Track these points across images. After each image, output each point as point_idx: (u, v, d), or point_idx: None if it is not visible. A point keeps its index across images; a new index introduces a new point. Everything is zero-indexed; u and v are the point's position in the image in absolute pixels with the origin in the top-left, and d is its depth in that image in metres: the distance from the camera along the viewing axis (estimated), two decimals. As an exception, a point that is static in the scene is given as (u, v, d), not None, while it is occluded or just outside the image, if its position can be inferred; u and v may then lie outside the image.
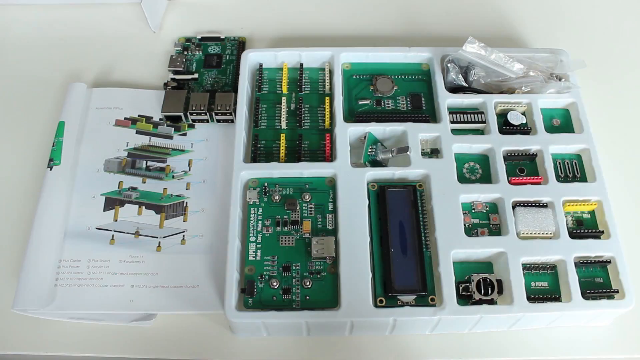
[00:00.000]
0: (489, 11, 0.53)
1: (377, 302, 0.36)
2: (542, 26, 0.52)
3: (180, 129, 0.45)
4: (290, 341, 0.37)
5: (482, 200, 0.40)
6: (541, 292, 0.37)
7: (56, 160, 0.42)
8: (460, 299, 0.35)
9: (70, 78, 0.48)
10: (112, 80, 0.48)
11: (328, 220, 0.39)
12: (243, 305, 0.36)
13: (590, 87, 0.46)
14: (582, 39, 0.51)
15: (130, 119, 0.45)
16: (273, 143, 0.42)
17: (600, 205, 0.39)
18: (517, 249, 0.37)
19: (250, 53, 0.45)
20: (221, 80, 0.47)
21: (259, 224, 0.39)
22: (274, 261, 0.37)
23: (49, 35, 0.51)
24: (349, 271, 0.36)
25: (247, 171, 0.39)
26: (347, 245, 0.37)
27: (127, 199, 0.42)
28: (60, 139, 0.43)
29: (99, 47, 0.50)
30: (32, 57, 0.50)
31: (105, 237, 0.40)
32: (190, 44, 0.49)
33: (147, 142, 0.44)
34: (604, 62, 0.50)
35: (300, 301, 0.36)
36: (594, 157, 0.41)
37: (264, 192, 0.40)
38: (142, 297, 0.38)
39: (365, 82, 0.45)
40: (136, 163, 0.43)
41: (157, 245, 0.40)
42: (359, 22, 0.52)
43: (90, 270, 0.39)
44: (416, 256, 0.37)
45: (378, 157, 0.41)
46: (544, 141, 0.41)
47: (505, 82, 0.44)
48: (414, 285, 0.36)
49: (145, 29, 0.51)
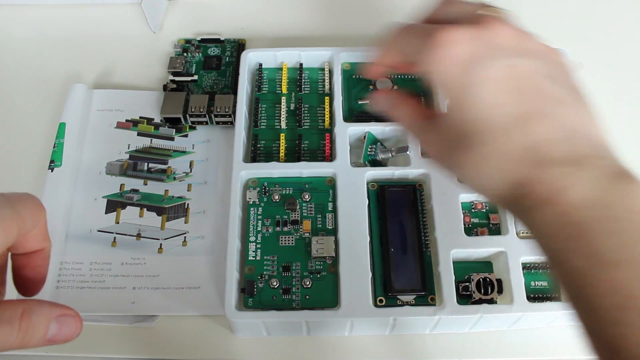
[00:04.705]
0: (489, 10, 0.53)
1: (377, 302, 0.36)
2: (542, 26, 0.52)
3: (182, 131, 0.45)
4: (290, 341, 0.38)
5: (482, 200, 0.40)
6: (541, 291, 0.37)
7: (57, 162, 0.42)
8: (460, 299, 0.35)
9: (70, 79, 0.48)
10: (112, 81, 0.48)
11: (328, 220, 0.39)
12: (243, 305, 0.36)
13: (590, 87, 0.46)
14: (582, 39, 0.51)
15: (132, 121, 0.46)
16: (273, 143, 0.42)
17: (600, 203, 0.39)
18: (517, 248, 0.37)
19: (250, 53, 0.45)
20: (220, 82, 0.47)
21: (259, 224, 0.39)
22: (274, 261, 0.37)
23: (49, 36, 0.51)
24: (349, 271, 0.36)
25: (246, 171, 0.40)
26: (347, 245, 0.37)
27: (129, 201, 0.42)
28: (61, 140, 0.43)
29: (99, 48, 0.50)
30: (32, 57, 0.50)
31: (107, 239, 0.41)
32: (190, 45, 0.49)
33: (149, 143, 0.45)
34: (604, 62, 0.50)
35: (300, 301, 0.36)
36: (594, 156, 0.41)
37: (263, 192, 0.40)
38: (143, 299, 0.38)
39: (365, 82, 0.45)
40: (138, 165, 0.44)
41: (159, 247, 0.40)
42: (359, 22, 0.52)
43: (92, 273, 0.39)
44: (416, 256, 0.37)
45: (378, 156, 0.41)
46: (543, 140, 0.41)
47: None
48: (414, 285, 0.36)
49: (145, 30, 0.51)
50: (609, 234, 0.21)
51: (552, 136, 0.24)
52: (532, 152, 0.24)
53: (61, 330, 0.23)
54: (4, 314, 0.21)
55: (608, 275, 0.21)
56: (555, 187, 0.23)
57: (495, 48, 0.26)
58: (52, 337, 0.23)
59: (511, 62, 0.26)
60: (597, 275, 0.21)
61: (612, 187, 0.22)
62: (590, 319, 0.21)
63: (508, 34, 0.27)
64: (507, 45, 0.26)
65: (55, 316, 0.23)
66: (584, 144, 0.24)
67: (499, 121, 0.25)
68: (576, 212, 0.22)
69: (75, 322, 0.23)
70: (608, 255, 0.21)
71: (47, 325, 0.22)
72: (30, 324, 0.22)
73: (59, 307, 0.23)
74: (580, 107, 0.26)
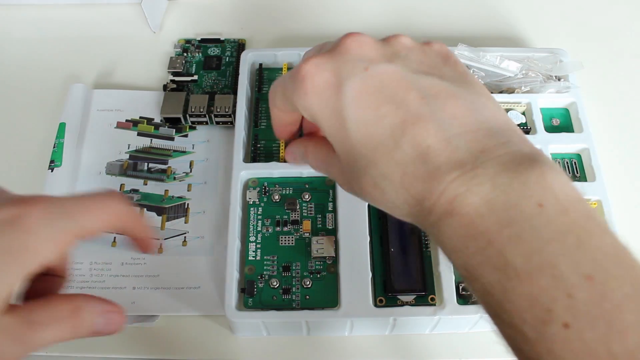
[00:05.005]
0: (488, 11, 0.53)
1: (377, 302, 0.36)
2: (541, 26, 0.52)
3: (182, 131, 0.45)
4: (290, 341, 0.38)
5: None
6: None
7: (57, 162, 0.42)
8: (460, 299, 0.36)
9: (70, 79, 0.48)
10: (112, 82, 0.48)
11: (328, 220, 0.39)
12: (243, 305, 0.36)
13: (590, 87, 0.46)
14: (581, 39, 0.51)
15: (132, 121, 0.46)
16: (273, 143, 0.43)
17: (600, 204, 0.39)
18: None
19: (250, 53, 0.45)
20: (220, 82, 0.47)
21: (259, 224, 0.39)
22: (274, 261, 0.38)
23: (49, 36, 0.51)
24: (349, 271, 0.36)
25: (246, 171, 0.40)
26: (347, 245, 0.37)
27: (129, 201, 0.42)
28: (61, 140, 0.43)
29: (99, 48, 0.50)
30: (32, 57, 0.50)
31: (107, 239, 0.41)
32: (190, 45, 0.49)
33: (149, 143, 0.45)
34: (604, 62, 0.50)
35: (300, 301, 0.36)
36: (594, 157, 0.41)
37: (263, 192, 0.40)
38: (144, 298, 0.38)
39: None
40: (138, 165, 0.44)
41: (159, 247, 0.40)
42: (358, 22, 0.52)
43: (93, 273, 0.39)
44: (416, 256, 0.37)
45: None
46: (543, 141, 0.41)
47: (505, 82, 0.44)
48: (414, 285, 0.36)
49: (146, 30, 0.51)
50: (516, 241, 0.19)
51: (435, 139, 0.21)
52: (420, 161, 0.21)
53: (106, 325, 0.24)
54: (56, 310, 0.22)
55: (524, 288, 0.18)
56: (452, 195, 0.20)
57: (354, 62, 0.24)
58: (97, 331, 0.24)
59: (374, 71, 0.23)
60: (513, 289, 0.19)
61: (513, 181, 0.20)
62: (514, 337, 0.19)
63: (364, 44, 0.24)
64: (366, 55, 0.24)
65: (103, 312, 0.24)
66: (473, 137, 0.22)
67: (381, 136, 0.22)
68: (479, 220, 0.20)
69: (119, 318, 0.24)
70: (519, 265, 0.19)
71: (95, 320, 0.23)
72: (80, 321, 0.23)
73: (106, 303, 0.24)
74: (463, 94, 0.23)
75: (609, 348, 0.17)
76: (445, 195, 0.21)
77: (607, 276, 0.18)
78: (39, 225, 0.22)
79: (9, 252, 0.21)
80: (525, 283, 0.18)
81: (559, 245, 0.19)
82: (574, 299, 0.18)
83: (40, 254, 0.22)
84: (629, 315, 0.17)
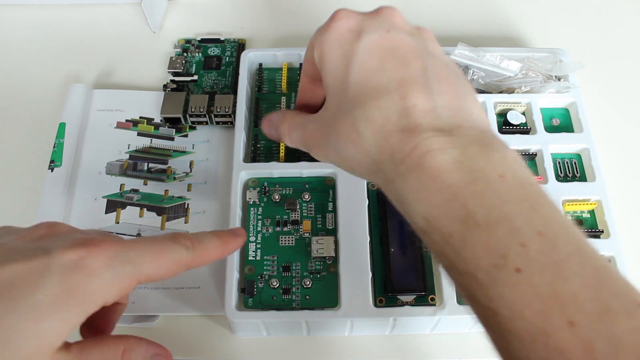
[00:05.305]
0: (488, 11, 0.53)
1: (377, 302, 0.36)
2: (541, 26, 0.52)
3: (182, 131, 0.45)
4: (290, 341, 0.38)
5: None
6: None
7: (57, 162, 0.42)
8: (460, 299, 0.35)
9: (70, 79, 0.48)
10: (112, 82, 0.48)
11: (328, 220, 0.39)
12: (243, 305, 0.36)
13: (590, 87, 0.46)
14: (581, 39, 0.51)
15: (132, 121, 0.46)
16: (273, 143, 0.43)
17: (600, 204, 0.39)
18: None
19: (250, 53, 0.45)
20: (220, 82, 0.47)
21: (259, 224, 0.39)
22: (274, 261, 0.37)
23: (49, 36, 0.51)
24: (349, 271, 0.36)
25: (246, 171, 0.40)
26: (347, 245, 0.37)
27: (129, 201, 0.42)
28: (61, 140, 0.43)
29: (99, 48, 0.50)
30: (32, 57, 0.50)
31: (107, 238, 0.41)
32: (190, 45, 0.49)
33: (149, 143, 0.45)
34: (604, 62, 0.50)
35: (300, 301, 0.36)
36: (594, 157, 0.41)
37: (263, 192, 0.40)
38: (143, 298, 0.38)
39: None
40: (138, 165, 0.44)
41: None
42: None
43: (92, 272, 0.39)
44: (416, 256, 0.37)
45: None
46: (543, 141, 0.41)
47: (505, 82, 0.44)
48: (414, 285, 0.36)
49: (146, 30, 0.51)
50: (479, 196, 0.21)
51: (423, 102, 0.24)
52: (404, 114, 0.24)
53: None
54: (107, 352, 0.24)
55: (482, 237, 0.21)
56: (425, 150, 0.23)
57: (382, 21, 0.27)
58: None
59: (396, 34, 0.26)
60: (472, 238, 0.21)
61: (480, 153, 0.22)
62: (469, 284, 0.21)
63: (395, 15, 0.27)
64: (393, 22, 0.27)
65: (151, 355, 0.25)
66: (454, 114, 0.24)
67: (378, 84, 0.25)
68: (447, 175, 0.22)
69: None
70: (480, 216, 0.21)
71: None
72: None
73: (156, 346, 0.26)
74: (458, 84, 0.26)
75: (555, 290, 0.19)
76: (419, 149, 0.23)
77: (555, 235, 0.21)
78: (102, 269, 0.23)
79: (73, 293, 0.22)
80: (484, 233, 0.21)
81: (516, 206, 0.21)
82: (527, 248, 0.20)
83: (102, 297, 0.23)
84: (573, 266, 0.20)
